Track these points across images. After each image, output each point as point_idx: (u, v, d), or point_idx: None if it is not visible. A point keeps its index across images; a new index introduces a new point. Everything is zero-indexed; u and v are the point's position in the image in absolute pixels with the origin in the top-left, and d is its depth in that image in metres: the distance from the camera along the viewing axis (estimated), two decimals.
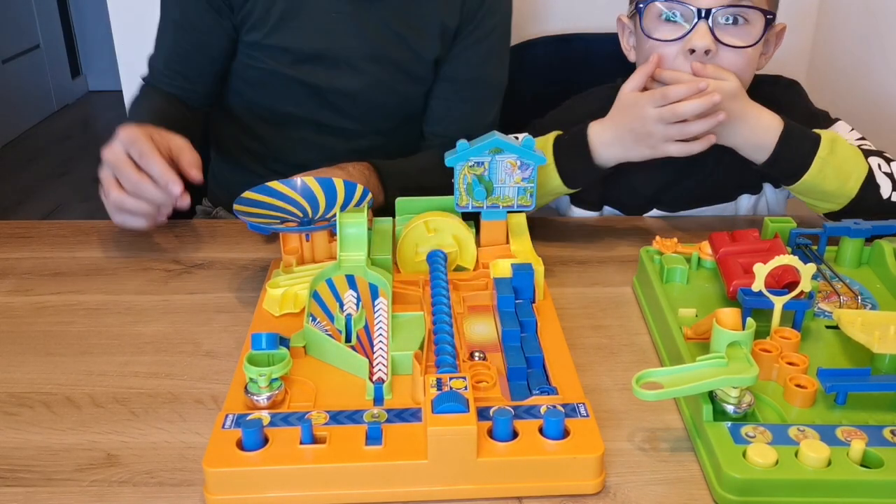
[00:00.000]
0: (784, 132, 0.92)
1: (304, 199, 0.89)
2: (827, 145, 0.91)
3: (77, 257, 0.96)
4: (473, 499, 0.59)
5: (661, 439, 0.65)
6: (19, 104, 3.76)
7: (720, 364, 0.63)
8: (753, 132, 0.93)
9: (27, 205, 3.03)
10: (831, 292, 0.81)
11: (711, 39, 0.91)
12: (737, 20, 0.93)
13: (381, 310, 0.74)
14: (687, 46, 0.92)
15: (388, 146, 1.22)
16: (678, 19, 0.94)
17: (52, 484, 0.61)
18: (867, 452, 0.58)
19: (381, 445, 0.59)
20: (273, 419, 0.61)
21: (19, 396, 0.71)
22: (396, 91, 1.19)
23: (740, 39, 0.93)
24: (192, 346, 0.78)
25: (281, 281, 0.82)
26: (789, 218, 0.90)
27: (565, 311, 0.82)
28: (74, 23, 4.29)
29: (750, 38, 0.93)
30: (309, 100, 1.17)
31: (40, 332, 0.81)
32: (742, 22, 0.93)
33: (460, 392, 0.59)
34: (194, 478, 0.61)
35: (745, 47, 0.93)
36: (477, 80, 1.21)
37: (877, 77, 1.41)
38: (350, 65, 1.15)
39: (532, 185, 0.85)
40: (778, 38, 1.01)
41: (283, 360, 0.65)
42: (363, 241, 0.79)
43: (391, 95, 1.19)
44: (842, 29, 1.53)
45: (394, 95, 1.19)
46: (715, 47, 0.92)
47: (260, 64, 1.15)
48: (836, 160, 0.92)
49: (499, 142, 0.83)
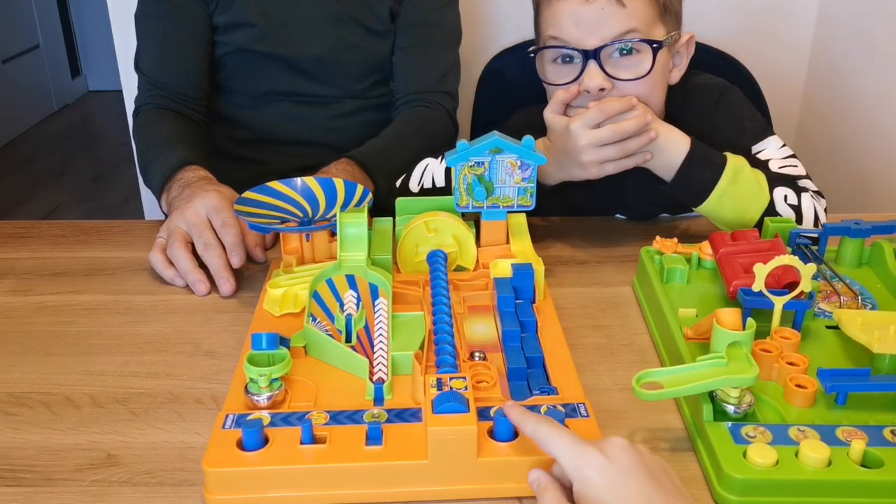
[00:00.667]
0: (689, 155, 0.91)
1: (304, 199, 0.89)
2: (729, 175, 0.90)
3: (77, 257, 0.96)
4: (473, 499, 0.59)
5: (661, 439, 0.65)
6: (19, 104, 3.76)
7: (720, 364, 0.63)
8: (664, 151, 0.91)
9: (27, 205, 3.03)
10: (831, 292, 0.81)
11: (603, 77, 0.91)
12: (628, 53, 0.92)
13: (381, 310, 0.74)
14: (582, 87, 0.92)
15: (368, 112, 1.25)
16: (572, 60, 0.94)
17: (52, 484, 0.61)
18: (867, 452, 0.58)
19: (381, 445, 0.59)
20: (273, 419, 0.61)
21: (19, 396, 0.71)
22: (360, 48, 1.22)
23: (633, 71, 0.92)
24: (192, 346, 0.78)
25: (281, 281, 0.82)
26: (789, 218, 0.90)
27: (565, 311, 0.82)
28: (74, 23, 4.28)
29: (642, 69, 0.92)
30: (281, 72, 1.20)
31: (40, 332, 0.81)
32: (633, 52, 0.92)
33: (460, 392, 0.59)
34: (194, 478, 0.61)
35: (638, 79, 0.92)
36: (429, 24, 1.23)
37: (877, 77, 1.41)
38: (313, 29, 1.18)
39: (532, 185, 0.85)
40: (688, 48, 1.00)
41: (284, 360, 0.65)
42: (363, 241, 0.79)
43: (356, 53, 1.21)
44: (842, 29, 1.53)
45: (359, 53, 1.22)
46: (609, 84, 0.91)
47: (230, 47, 1.18)
48: (737, 191, 0.90)
49: (499, 142, 0.83)
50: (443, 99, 1.23)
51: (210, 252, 0.88)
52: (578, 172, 0.91)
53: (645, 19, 0.92)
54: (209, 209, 0.90)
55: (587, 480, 0.51)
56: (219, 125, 1.25)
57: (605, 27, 0.90)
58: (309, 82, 1.21)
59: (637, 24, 0.91)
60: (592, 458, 0.51)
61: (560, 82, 0.94)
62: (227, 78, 1.22)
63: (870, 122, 1.39)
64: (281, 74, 1.20)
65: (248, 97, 1.22)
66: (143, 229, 1.04)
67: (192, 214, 0.90)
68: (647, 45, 0.92)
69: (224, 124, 1.25)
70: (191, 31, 1.17)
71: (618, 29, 0.91)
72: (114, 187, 3.15)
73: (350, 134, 1.21)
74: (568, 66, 0.94)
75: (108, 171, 3.32)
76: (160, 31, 1.17)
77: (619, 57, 0.92)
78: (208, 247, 0.88)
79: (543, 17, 0.96)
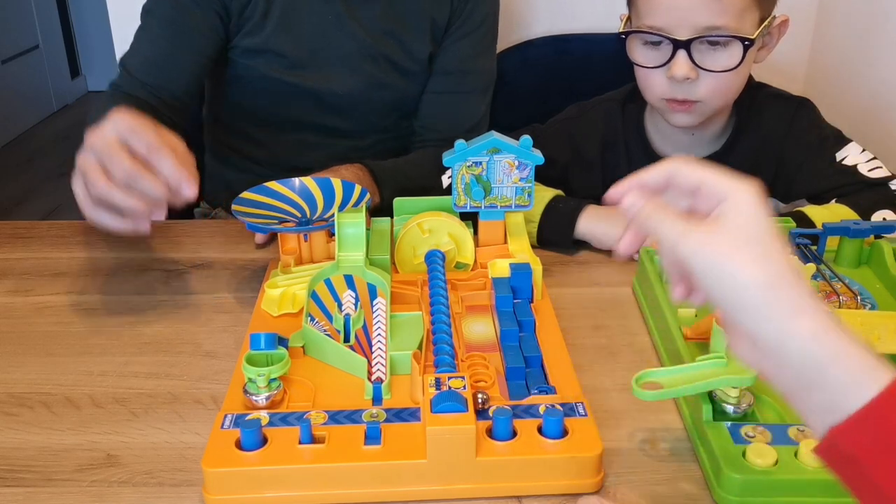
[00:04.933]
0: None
1: (302, 199, 0.89)
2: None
3: (77, 257, 0.96)
4: (472, 498, 0.59)
5: (661, 439, 0.65)
6: (19, 104, 3.76)
7: (720, 364, 0.62)
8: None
9: (27, 205, 3.03)
10: (831, 292, 0.81)
11: (690, 67, 0.93)
12: (718, 44, 0.93)
13: (379, 310, 0.74)
14: (669, 74, 0.95)
15: (387, 143, 1.23)
16: (660, 45, 0.95)
17: (52, 484, 0.61)
18: None
19: (379, 445, 0.59)
20: (272, 419, 0.61)
21: (19, 396, 0.71)
22: (392, 88, 1.19)
23: (721, 64, 0.94)
24: (192, 346, 0.78)
25: (279, 281, 0.82)
26: (789, 218, 0.90)
27: (565, 311, 0.82)
28: (74, 23, 4.28)
29: (731, 62, 0.94)
30: (306, 103, 1.17)
31: (40, 333, 0.81)
32: (722, 46, 0.94)
33: (459, 391, 0.60)
34: (194, 478, 0.61)
35: (725, 71, 0.94)
36: (465, 72, 1.22)
37: (877, 77, 1.41)
38: (345, 65, 1.15)
39: (530, 185, 0.85)
40: (781, 30, 1.01)
41: (282, 361, 0.65)
42: (361, 241, 0.79)
43: (387, 92, 1.19)
44: (842, 29, 1.53)
45: (389, 92, 1.19)
46: (695, 74, 0.94)
47: (256, 71, 1.14)
48: None
49: (497, 142, 0.83)
50: None
51: (143, 181, 0.69)
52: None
53: (741, 8, 0.93)
54: (122, 131, 0.71)
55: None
56: (231, 135, 1.23)
57: (699, 17, 0.92)
58: (334, 117, 1.19)
59: (731, 16, 0.92)
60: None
61: (649, 65, 0.96)
62: (248, 96, 1.18)
63: (869, 122, 1.39)
64: (306, 106, 1.17)
65: (268, 117, 1.19)
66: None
67: (99, 141, 0.71)
68: (739, 41, 0.93)
69: (237, 135, 1.22)
70: (197, 46, 1.10)
71: (711, 21, 0.92)
72: None
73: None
74: (657, 51, 0.96)
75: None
76: (163, 36, 1.10)
77: (709, 47, 0.93)
78: (136, 176, 0.69)
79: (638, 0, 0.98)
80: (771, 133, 1.05)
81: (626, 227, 0.53)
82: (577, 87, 1.19)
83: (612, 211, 0.94)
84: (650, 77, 0.98)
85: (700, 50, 0.93)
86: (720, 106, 1.00)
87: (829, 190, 1.00)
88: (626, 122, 1.10)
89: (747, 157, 1.06)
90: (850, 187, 0.99)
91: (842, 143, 1.04)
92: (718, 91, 0.96)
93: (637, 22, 0.97)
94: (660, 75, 0.96)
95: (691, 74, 0.93)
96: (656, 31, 0.94)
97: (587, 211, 0.96)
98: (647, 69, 0.97)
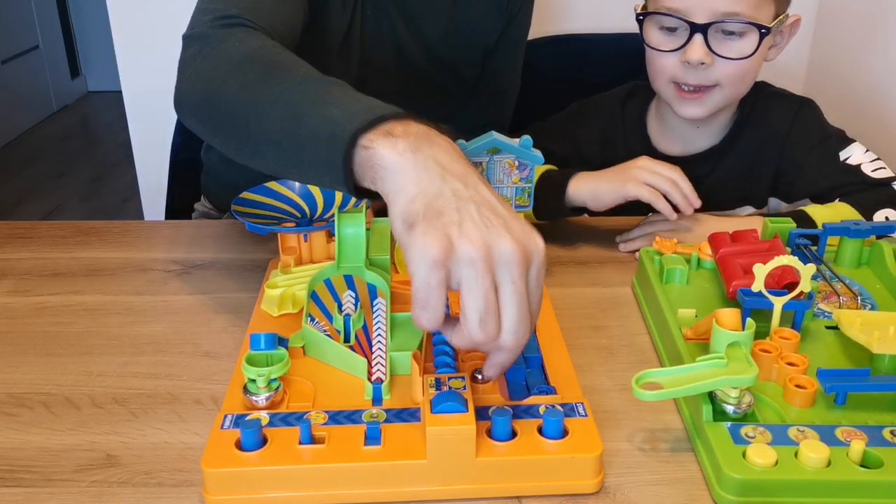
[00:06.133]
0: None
1: (302, 199, 0.89)
2: None
3: (77, 257, 0.96)
4: (472, 498, 0.59)
5: (661, 439, 0.65)
6: (19, 105, 3.76)
7: (720, 364, 0.62)
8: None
9: (27, 205, 3.03)
10: (831, 293, 0.81)
11: (706, 52, 0.94)
12: (733, 32, 0.94)
13: (379, 310, 0.73)
14: (683, 58, 0.95)
15: None
16: (677, 29, 0.96)
17: (52, 484, 0.61)
18: (867, 453, 0.58)
19: (379, 445, 0.59)
20: (272, 419, 0.61)
21: (19, 397, 0.71)
22: (433, 111, 1.18)
23: (736, 51, 0.95)
24: (192, 346, 0.78)
25: (279, 281, 0.82)
26: (789, 218, 0.90)
27: (565, 311, 0.82)
28: (74, 23, 4.28)
29: (746, 50, 0.95)
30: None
31: (40, 333, 0.81)
32: (739, 33, 0.94)
33: (459, 392, 0.59)
34: (193, 478, 0.61)
35: (741, 59, 0.95)
36: (497, 91, 1.22)
37: (876, 77, 1.41)
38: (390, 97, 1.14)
39: (530, 186, 0.85)
40: (792, 29, 1.02)
41: (282, 361, 0.65)
42: (361, 241, 0.79)
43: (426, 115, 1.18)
44: (842, 29, 1.53)
45: (429, 115, 1.19)
46: (710, 59, 0.95)
47: None
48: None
49: (496, 142, 0.83)
50: None
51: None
52: (619, 184, 0.94)
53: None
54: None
55: None
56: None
57: (718, 2, 0.92)
58: None
59: (748, 4, 0.93)
60: None
61: (663, 48, 0.97)
62: None
63: (869, 122, 1.39)
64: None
65: None
66: (143, 230, 1.04)
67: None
68: (756, 28, 0.93)
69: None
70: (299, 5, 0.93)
71: (729, 7, 0.92)
72: (113, 188, 3.15)
73: None
74: (673, 36, 0.97)
75: (108, 172, 3.32)
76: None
77: (725, 36, 0.94)
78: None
79: None
80: (773, 132, 1.05)
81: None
82: (576, 87, 1.19)
83: (601, 173, 0.96)
84: (662, 59, 0.98)
85: (716, 37, 0.94)
86: (731, 95, 1.01)
87: (832, 189, 1.01)
88: (627, 119, 1.10)
89: (747, 154, 1.06)
90: (853, 187, 1.00)
91: (845, 143, 1.04)
92: (731, 78, 0.97)
93: (655, 5, 0.97)
94: (673, 59, 0.97)
95: (706, 59, 0.94)
96: (674, 12, 0.94)
97: (577, 176, 0.97)
98: (660, 52, 0.97)
